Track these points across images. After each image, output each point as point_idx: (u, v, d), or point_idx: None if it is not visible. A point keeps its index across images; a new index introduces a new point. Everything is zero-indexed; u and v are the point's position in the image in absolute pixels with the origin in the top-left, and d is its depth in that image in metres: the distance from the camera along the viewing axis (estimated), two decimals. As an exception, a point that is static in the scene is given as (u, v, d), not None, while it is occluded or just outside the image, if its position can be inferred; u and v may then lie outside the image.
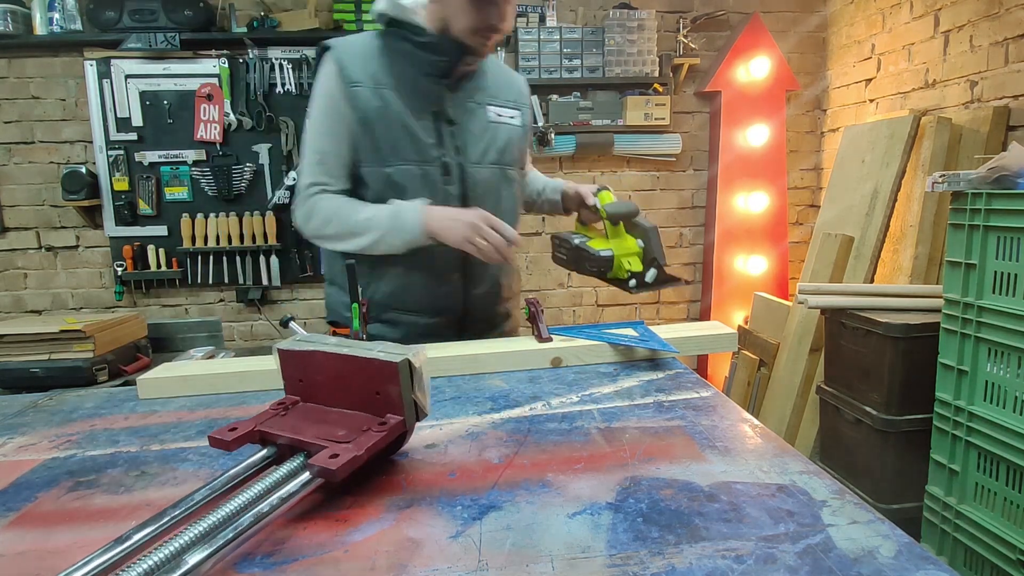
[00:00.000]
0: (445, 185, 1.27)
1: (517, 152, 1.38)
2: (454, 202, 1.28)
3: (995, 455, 1.65)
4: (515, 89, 1.40)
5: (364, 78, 1.23)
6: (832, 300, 2.18)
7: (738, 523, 0.54)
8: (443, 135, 1.27)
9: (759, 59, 3.32)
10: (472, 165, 1.30)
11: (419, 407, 0.66)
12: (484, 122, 1.32)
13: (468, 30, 1.20)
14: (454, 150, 1.28)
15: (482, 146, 1.31)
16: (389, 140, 1.24)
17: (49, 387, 1.63)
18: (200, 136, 3.18)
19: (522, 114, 1.40)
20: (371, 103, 1.22)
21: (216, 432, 0.62)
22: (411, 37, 1.24)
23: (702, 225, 3.65)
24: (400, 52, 1.26)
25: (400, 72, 1.25)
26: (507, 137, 1.35)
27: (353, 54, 1.24)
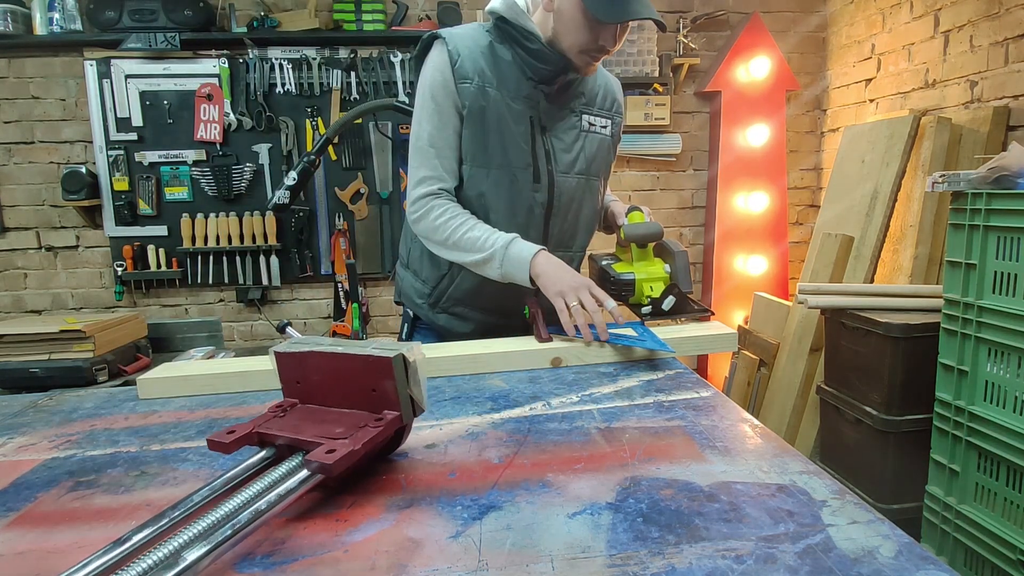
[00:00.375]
0: (533, 192, 1.28)
1: (603, 163, 1.37)
2: (539, 209, 1.29)
3: (995, 455, 1.65)
4: (611, 97, 1.38)
5: (473, 74, 1.21)
6: (832, 300, 2.18)
7: (738, 523, 0.54)
8: (536, 141, 1.27)
9: (759, 59, 3.32)
10: (560, 174, 1.30)
11: (415, 402, 0.66)
12: (576, 131, 1.31)
13: (577, 48, 1.19)
14: (545, 157, 1.28)
15: (572, 155, 1.31)
16: (487, 141, 1.23)
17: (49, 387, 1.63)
18: (200, 136, 3.18)
19: (613, 123, 1.37)
20: (476, 101, 1.21)
21: (214, 435, 0.62)
22: (520, 40, 1.22)
23: (702, 225, 3.65)
24: (507, 52, 1.24)
25: (504, 73, 1.23)
26: (596, 147, 1.34)
27: (464, 47, 1.22)
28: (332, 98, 3.21)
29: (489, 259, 1.21)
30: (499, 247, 1.20)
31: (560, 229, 1.34)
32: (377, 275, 3.40)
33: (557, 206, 1.31)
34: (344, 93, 3.22)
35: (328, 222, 3.33)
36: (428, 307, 1.40)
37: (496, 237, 1.22)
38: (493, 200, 1.26)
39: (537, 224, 1.31)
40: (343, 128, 2.80)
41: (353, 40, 3.20)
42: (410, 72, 3.22)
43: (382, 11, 3.17)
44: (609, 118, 1.37)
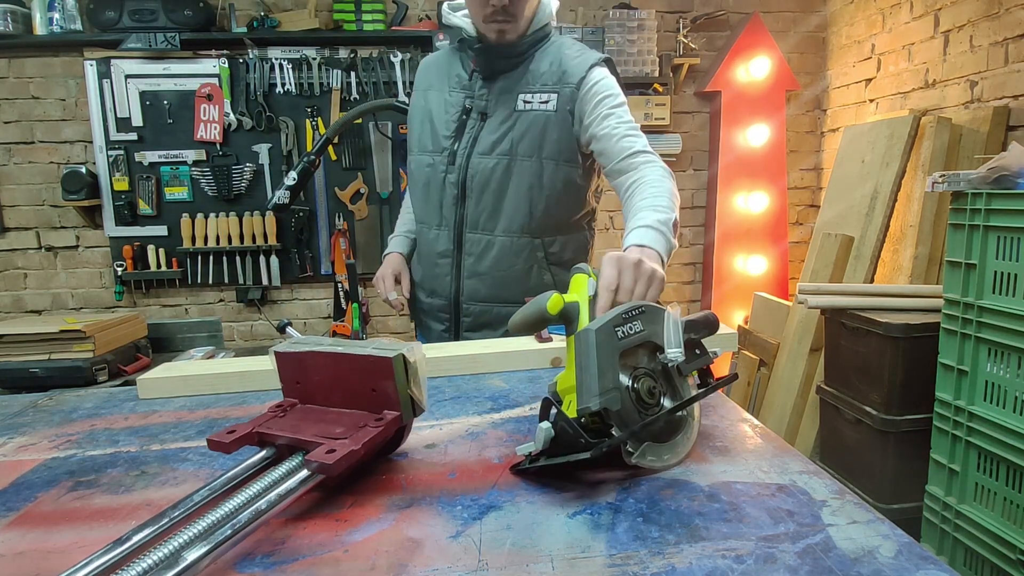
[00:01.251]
0: (447, 175, 1.34)
1: (538, 139, 1.28)
2: (451, 190, 1.35)
3: (995, 455, 1.65)
4: (559, 70, 1.29)
5: (423, 83, 1.42)
6: (832, 300, 2.18)
7: (738, 523, 0.54)
8: (465, 128, 1.33)
9: (759, 59, 3.32)
10: (479, 155, 1.31)
11: (416, 402, 0.65)
12: (508, 111, 1.30)
13: (480, 18, 1.27)
14: (469, 142, 1.33)
15: (495, 136, 1.30)
16: (416, 133, 1.40)
17: (49, 387, 1.63)
18: (200, 136, 3.18)
19: (560, 96, 1.27)
20: (418, 104, 1.41)
21: (214, 435, 0.62)
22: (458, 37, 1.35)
23: (702, 225, 3.65)
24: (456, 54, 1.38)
25: (449, 73, 1.38)
26: (527, 125, 1.28)
27: (426, 64, 1.45)
28: (332, 98, 3.21)
29: None
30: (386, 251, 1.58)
31: (475, 211, 1.33)
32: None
33: (470, 187, 1.33)
34: (344, 93, 3.22)
35: (328, 222, 3.33)
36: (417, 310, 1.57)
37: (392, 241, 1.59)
38: (414, 185, 1.43)
39: (449, 205, 1.35)
40: (343, 128, 2.80)
41: (353, 40, 3.20)
42: (410, 72, 3.22)
43: (382, 11, 3.18)
44: (554, 92, 1.28)
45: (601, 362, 0.62)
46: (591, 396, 0.61)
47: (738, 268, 3.48)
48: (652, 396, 0.66)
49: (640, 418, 0.64)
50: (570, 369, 0.68)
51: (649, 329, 0.68)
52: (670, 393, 0.69)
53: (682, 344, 0.68)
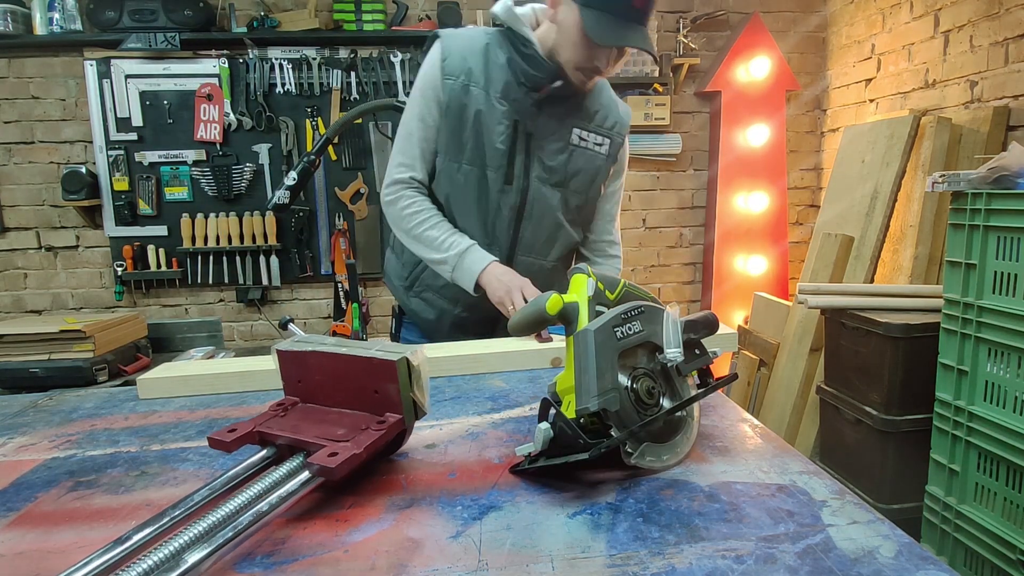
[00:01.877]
0: (502, 194, 1.29)
1: (588, 180, 1.35)
2: (507, 212, 1.31)
3: (995, 455, 1.65)
4: (612, 117, 1.36)
5: (459, 72, 1.26)
6: (832, 300, 2.18)
7: (738, 523, 0.54)
8: (517, 145, 1.28)
9: (759, 59, 3.32)
10: (537, 180, 1.30)
11: (418, 406, 0.66)
12: (564, 143, 1.31)
13: (572, 63, 1.21)
14: (523, 163, 1.29)
15: (553, 165, 1.31)
16: (461, 137, 1.27)
17: (49, 387, 1.63)
18: (200, 136, 3.18)
19: (611, 143, 1.35)
20: (458, 98, 1.26)
21: (215, 433, 0.62)
22: (516, 45, 1.25)
23: (702, 225, 3.65)
24: (502, 55, 1.27)
25: (493, 74, 1.26)
26: (583, 162, 1.33)
27: (457, 47, 1.27)
28: (332, 98, 3.21)
29: (443, 262, 1.30)
30: (453, 255, 1.28)
31: (533, 235, 1.34)
32: (377, 275, 3.40)
33: (529, 211, 1.32)
34: (344, 93, 3.22)
35: (328, 222, 3.33)
36: (404, 289, 1.46)
37: (453, 241, 1.28)
38: (460, 196, 1.31)
39: (505, 226, 1.32)
40: (343, 128, 2.80)
41: (353, 40, 3.20)
42: (410, 72, 3.22)
43: (382, 11, 3.18)
44: (608, 137, 1.35)
45: (600, 363, 0.62)
46: (590, 397, 0.61)
47: (738, 268, 3.48)
48: (651, 396, 0.66)
49: (639, 418, 0.64)
50: (569, 369, 0.68)
51: (648, 329, 0.68)
52: (669, 393, 0.69)
53: (681, 344, 0.68)
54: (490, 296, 1.25)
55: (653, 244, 3.64)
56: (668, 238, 3.65)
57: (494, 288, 1.24)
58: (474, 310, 1.37)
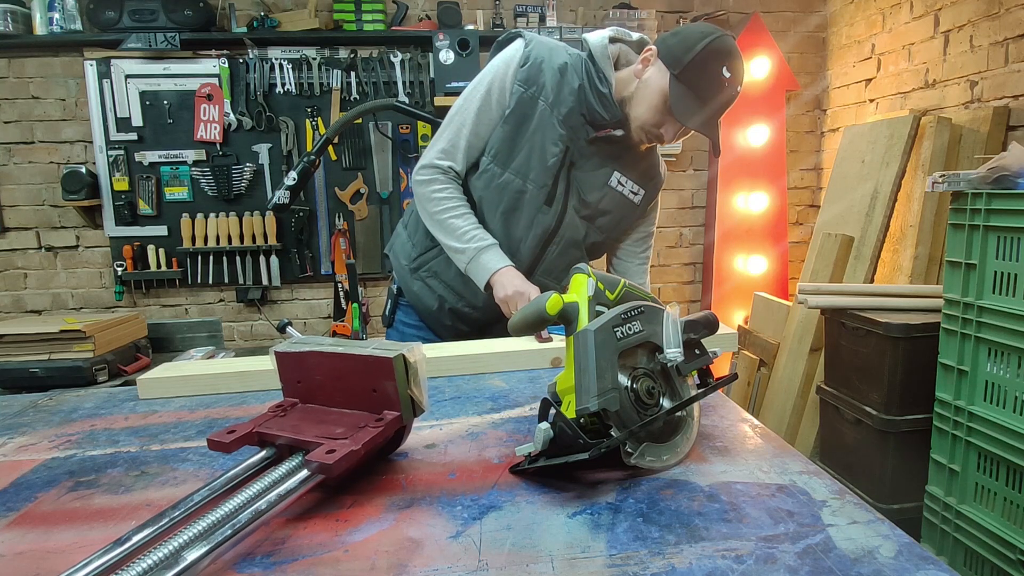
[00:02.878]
0: (541, 212, 1.30)
1: (616, 225, 1.39)
2: (538, 231, 1.32)
3: (995, 455, 1.65)
4: (651, 176, 1.39)
5: (532, 83, 1.26)
6: (832, 300, 2.18)
7: (738, 523, 0.54)
8: (562, 170, 1.29)
9: (759, 59, 3.32)
10: (571, 210, 1.32)
11: (416, 403, 0.66)
12: (603, 182, 1.33)
13: (639, 122, 1.23)
14: (564, 188, 1.31)
15: (590, 199, 1.33)
16: (515, 144, 1.28)
17: (49, 387, 1.63)
18: (200, 136, 3.18)
19: (646, 194, 1.39)
20: (522, 107, 1.26)
21: (215, 434, 0.62)
22: (594, 79, 1.25)
23: (702, 225, 3.65)
24: (576, 81, 1.27)
25: (563, 96, 1.26)
26: (616, 204, 1.36)
27: (538, 56, 1.27)
28: (332, 98, 3.21)
29: (461, 251, 1.30)
30: (473, 248, 1.29)
31: (556, 259, 1.36)
32: (377, 275, 3.40)
33: (560, 236, 1.34)
34: (344, 93, 3.22)
35: (328, 222, 3.33)
36: (409, 270, 1.45)
37: (475, 235, 1.29)
38: (495, 201, 1.31)
39: (533, 244, 1.33)
40: (343, 128, 2.80)
41: (353, 40, 3.20)
42: (410, 72, 3.22)
43: (382, 11, 3.17)
44: (643, 188, 1.38)
45: (600, 363, 0.62)
46: (589, 397, 0.61)
47: (738, 268, 3.48)
48: (651, 396, 0.66)
49: (639, 418, 0.64)
50: (569, 369, 0.68)
51: (648, 329, 0.68)
52: (669, 393, 0.69)
53: (681, 344, 0.68)
54: (496, 293, 1.26)
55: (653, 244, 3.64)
56: (668, 238, 3.65)
57: (502, 286, 1.25)
58: (476, 308, 1.38)
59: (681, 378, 0.71)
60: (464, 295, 1.38)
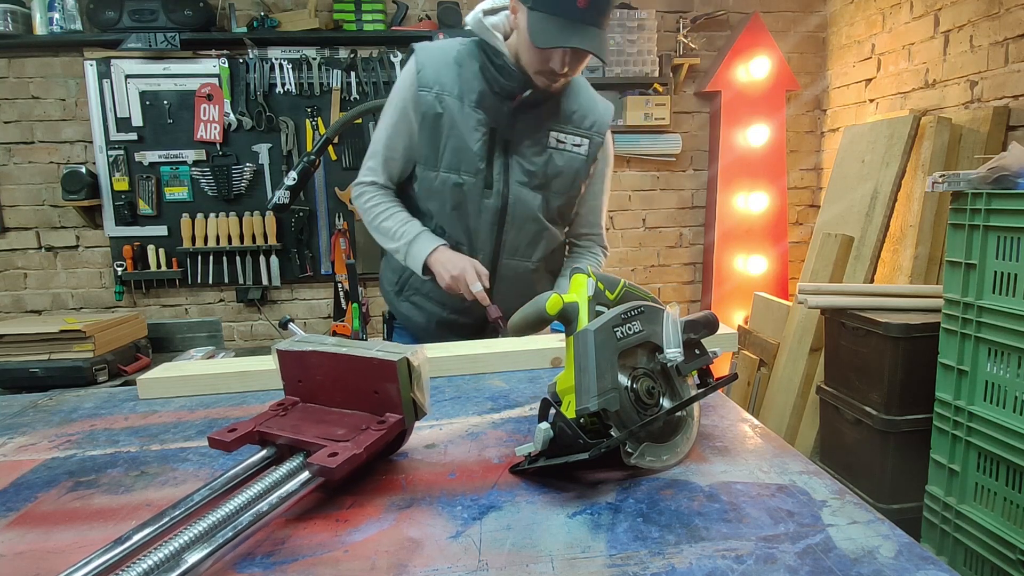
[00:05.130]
0: (483, 198, 1.31)
1: (569, 181, 1.37)
2: (488, 216, 1.33)
3: (995, 455, 1.65)
4: (592, 116, 1.38)
5: (433, 83, 1.29)
6: (832, 300, 2.18)
7: (738, 523, 0.54)
8: (494, 151, 1.30)
9: (759, 59, 3.32)
10: (516, 184, 1.32)
11: (418, 406, 0.65)
12: (542, 147, 1.33)
13: (531, 68, 1.23)
14: (502, 167, 1.31)
15: (533, 168, 1.33)
16: (438, 145, 1.30)
17: (49, 387, 1.63)
18: (200, 136, 3.18)
19: (591, 143, 1.37)
20: (432, 108, 1.28)
21: (215, 433, 0.62)
22: (489, 55, 1.27)
23: (702, 225, 3.65)
24: (475, 65, 1.30)
25: (469, 84, 1.29)
26: (566, 164, 1.35)
27: (431, 59, 1.31)
28: (332, 98, 3.21)
29: (397, 250, 1.36)
30: (404, 242, 1.34)
31: (515, 238, 1.36)
32: (377, 275, 3.39)
33: (511, 215, 1.34)
34: (344, 93, 3.22)
35: (328, 222, 3.33)
36: (394, 294, 1.49)
37: (404, 230, 1.35)
38: (440, 203, 1.34)
39: (488, 230, 1.34)
40: (343, 128, 2.79)
41: (353, 40, 3.20)
42: (410, 72, 3.22)
43: (382, 11, 3.18)
44: (586, 137, 1.36)
45: (600, 362, 0.62)
46: (589, 397, 0.61)
47: (738, 268, 3.48)
48: (651, 396, 0.66)
49: (639, 418, 0.64)
50: (569, 369, 0.68)
51: (648, 329, 0.68)
52: (669, 393, 0.69)
53: (681, 344, 0.68)
54: (441, 284, 1.30)
55: (653, 244, 3.64)
56: (668, 238, 3.65)
57: (440, 275, 1.30)
58: (462, 313, 1.39)
59: (681, 378, 0.71)
60: (448, 303, 1.39)
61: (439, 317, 1.42)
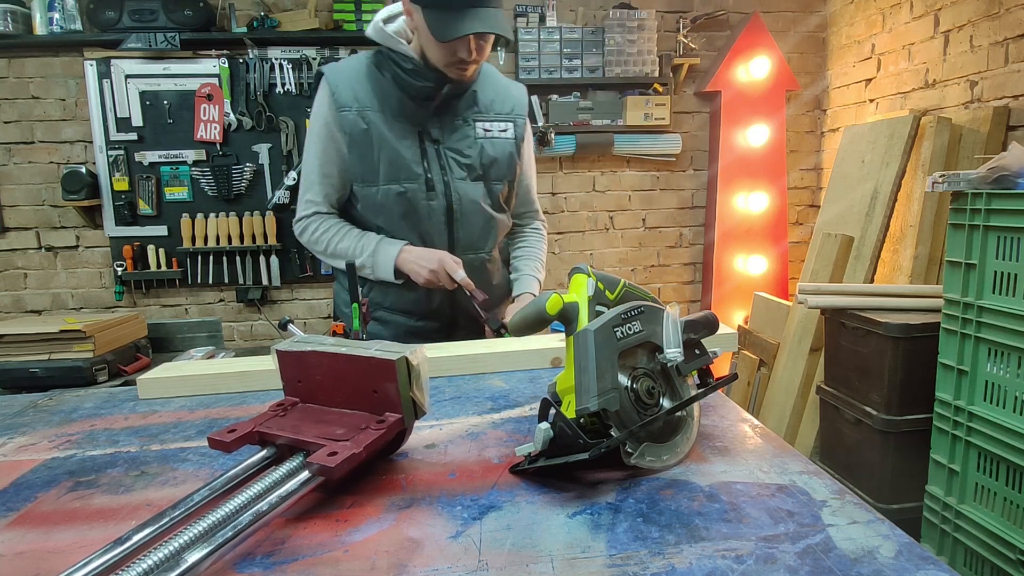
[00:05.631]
0: (428, 201, 1.32)
1: (504, 167, 1.39)
2: (438, 216, 1.34)
3: (995, 455, 1.65)
4: (510, 101, 1.41)
5: (351, 102, 1.29)
6: (832, 300, 2.18)
7: (738, 523, 0.54)
8: (428, 153, 1.31)
9: (759, 59, 3.32)
10: (457, 181, 1.34)
11: (417, 405, 0.65)
12: (471, 139, 1.34)
13: (441, 63, 1.24)
14: (439, 167, 1.32)
15: (467, 162, 1.34)
16: (373, 161, 1.30)
17: (49, 387, 1.63)
18: (200, 136, 3.18)
19: (515, 126, 1.40)
20: (357, 126, 1.29)
21: (215, 433, 0.62)
22: (397, 63, 1.28)
23: (702, 225, 3.65)
24: (387, 75, 1.30)
25: (386, 94, 1.30)
26: (495, 152, 1.37)
27: (343, 79, 1.31)
28: (332, 98, 3.20)
29: (362, 267, 1.33)
30: (367, 255, 1.33)
31: (468, 233, 1.37)
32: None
33: (459, 211, 1.35)
34: (344, 93, 3.21)
35: (328, 222, 3.33)
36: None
37: (362, 244, 1.34)
38: (388, 214, 1.33)
39: (440, 230, 1.35)
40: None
41: (353, 40, 3.20)
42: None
43: (382, 11, 3.17)
44: (509, 121, 1.39)
45: (600, 362, 0.62)
46: (589, 397, 0.61)
47: (738, 268, 3.48)
48: (651, 396, 0.66)
49: (639, 418, 0.64)
50: (569, 369, 0.68)
51: (648, 329, 0.68)
52: (669, 393, 0.69)
53: (681, 344, 0.68)
54: (418, 283, 1.30)
55: (653, 244, 3.64)
56: (668, 238, 3.65)
57: (416, 273, 1.29)
58: (431, 317, 1.40)
59: (681, 378, 0.71)
60: (415, 310, 1.40)
61: (407, 327, 1.41)
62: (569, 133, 3.33)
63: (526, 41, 3.23)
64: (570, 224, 3.54)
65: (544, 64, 3.26)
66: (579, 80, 3.30)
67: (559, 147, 3.33)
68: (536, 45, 3.24)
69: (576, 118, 3.32)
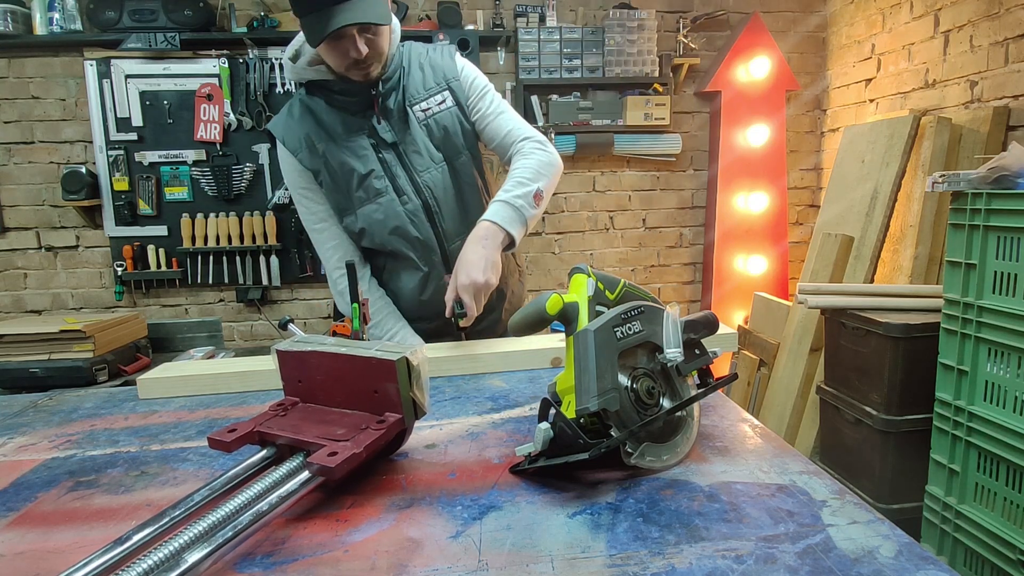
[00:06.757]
0: (405, 207, 1.32)
1: (457, 135, 1.35)
2: (418, 217, 1.33)
3: (995, 455, 1.65)
4: (438, 71, 1.35)
5: (299, 143, 1.30)
6: (832, 300, 2.18)
7: (738, 523, 0.54)
8: (387, 161, 1.30)
9: (759, 59, 3.32)
10: (423, 175, 1.32)
11: (418, 405, 0.65)
12: (415, 127, 1.32)
13: (341, 69, 1.23)
14: (403, 169, 1.31)
15: (422, 150, 1.32)
16: (341, 189, 1.30)
17: (49, 387, 1.63)
18: (200, 136, 3.18)
19: (452, 92, 1.34)
20: (314, 163, 1.29)
21: (215, 433, 0.62)
22: (326, 88, 1.28)
23: (702, 225, 3.65)
24: (320, 103, 1.30)
25: (329, 122, 1.29)
26: (441, 127, 1.33)
27: (285, 127, 1.32)
28: (332, 98, 3.20)
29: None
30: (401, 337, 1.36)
31: (450, 222, 1.36)
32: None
33: (435, 204, 1.34)
34: (344, 93, 3.21)
35: (328, 222, 3.33)
36: None
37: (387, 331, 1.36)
38: (377, 234, 1.33)
39: (425, 230, 1.34)
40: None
41: (353, 40, 3.19)
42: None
43: (382, 11, 3.17)
44: (444, 90, 1.34)
45: (600, 363, 0.62)
46: (589, 397, 0.61)
47: (738, 268, 3.48)
48: (651, 396, 0.66)
49: (639, 418, 0.64)
50: (569, 369, 0.68)
51: (648, 329, 0.68)
52: (669, 393, 0.69)
53: (681, 344, 0.68)
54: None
55: (653, 244, 3.64)
56: (668, 238, 3.65)
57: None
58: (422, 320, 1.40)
59: (681, 378, 0.71)
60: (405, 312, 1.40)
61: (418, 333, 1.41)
62: (569, 133, 3.33)
63: (526, 41, 3.23)
64: (570, 224, 3.54)
65: (544, 64, 3.26)
66: (579, 80, 3.30)
67: (559, 147, 3.33)
68: (536, 45, 3.23)
69: (576, 118, 3.32)
